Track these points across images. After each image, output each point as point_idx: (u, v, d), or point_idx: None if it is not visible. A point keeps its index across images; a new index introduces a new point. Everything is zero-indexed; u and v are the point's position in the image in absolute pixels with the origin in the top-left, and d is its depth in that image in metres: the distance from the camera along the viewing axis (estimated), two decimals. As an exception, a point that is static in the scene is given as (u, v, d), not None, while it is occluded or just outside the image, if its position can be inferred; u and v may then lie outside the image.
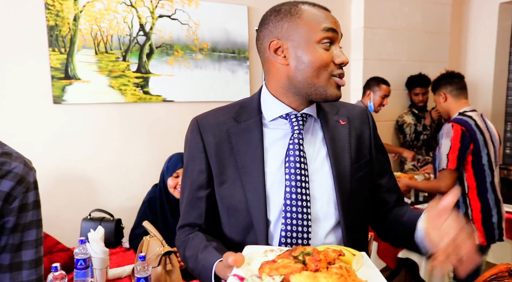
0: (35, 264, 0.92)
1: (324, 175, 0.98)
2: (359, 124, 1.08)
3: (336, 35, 0.94)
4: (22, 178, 0.87)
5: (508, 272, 1.30)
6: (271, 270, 0.70)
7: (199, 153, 1.01)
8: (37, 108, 2.36)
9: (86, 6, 2.43)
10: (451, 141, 2.20)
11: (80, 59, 2.44)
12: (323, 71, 0.92)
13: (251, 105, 1.03)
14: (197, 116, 1.05)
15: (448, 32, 3.67)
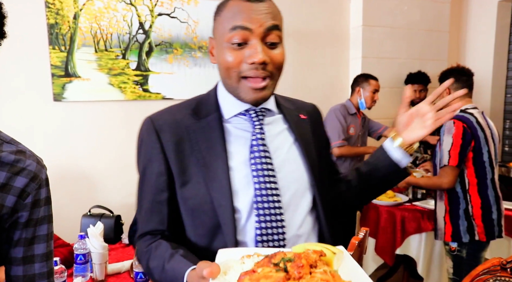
0: (46, 258, 0.95)
1: (295, 163, 0.99)
2: (315, 120, 1.11)
3: (249, 33, 0.87)
4: (35, 175, 0.90)
5: (500, 266, 1.31)
6: (253, 280, 0.64)
7: (157, 154, 0.94)
8: (38, 105, 2.38)
9: (86, 4, 2.45)
10: (453, 137, 2.21)
11: (80, 57, 2.46)
12: (232, 72, 0.89)
13: (208, 101, 0.99)
14: (150, 115, 0.98)
15: (447, 30, 3.68)
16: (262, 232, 0.90)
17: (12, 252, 0.91)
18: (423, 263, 2.69)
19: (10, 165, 0.87)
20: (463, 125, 2.21)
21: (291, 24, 3.11)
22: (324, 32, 3.26)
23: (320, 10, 3.22)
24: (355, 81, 3.06)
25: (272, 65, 0.90)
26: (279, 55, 0.92)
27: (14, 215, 0.88)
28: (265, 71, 0.88)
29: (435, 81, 3.55)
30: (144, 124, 0.99)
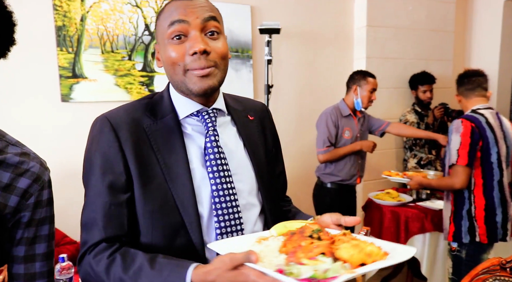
0: (47, 257, 0.98)
1: (246, 167, 1.02)
2: (263, 119, 1.14)
3: (187, 26, 0.89)
4: (38, 176, 0.93)
5: (500, 266, 1.32)
6: (307, 253, 0.69)
7: (115, 153, 0.90)
8: (46, 106, 2.42)
9: (93, 6, 2.49)
10: (461, 136, 2.19)
11: (87, 58, 2.50)
12: (176, 66, 0.91)
13: (163, 102, 0.99)
14: (104, 114, 0.95)
15: (452, 30, 3.67)
16: (222, 231, 0.93)
17: (14, 250, 0.93)
18: (427, 263, 2.69)
19: (14, 166, 0.90)
20: (471, 125, 2.19)
21: (295, 25, 3.13)
22: (328, 33, 3.28)
23: (324, 10, 3.24)
24: (351, 78, 2.88)
25: (215, 54, 0.91)
26: (221, 46, 0.93)
27: (16, 214, 0.91)
28: (209, 61, 0.90)
29: (441, 81, 3.55)
30: (98, 123, 0.94)
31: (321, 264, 0.67)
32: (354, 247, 0.70)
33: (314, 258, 0.68)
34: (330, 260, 0.69)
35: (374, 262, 0.68)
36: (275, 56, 3.04)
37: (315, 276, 0.64)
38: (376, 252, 0.70)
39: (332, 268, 0.66)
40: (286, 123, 3.19)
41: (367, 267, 0.67)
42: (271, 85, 2.84)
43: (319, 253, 0.69)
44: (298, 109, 3.23)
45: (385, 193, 2.97)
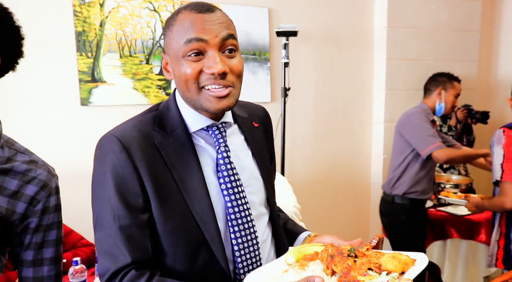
0: (54, 261, 1.02)
1: (256, 178, 1.03)
2: (265, 125, 1.14)
3: (205, 44, 0.86)
4: (45, 184, 0.97)
5: (520, 279, 1.27)
6: (358, 270, 0.78)
7: (130, 174, 0.86)
8: (66, 110, 2.48)
9: (112, 12, 2.53)
10: (504, 148, 1.99)
11: (106, 63, 2.55)
12: (191, 84, 0.88)
13: (171, 115, 0.95)
14: (111, 132, 0.90)
15: (478, 30, 3.55)
16: (239, 245, 0.94)
17: (23, 254, 0.97)
18: (448, 270, 2.62)
19: (22, 174, 0.94)
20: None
21: (314, 27, 3.10)
22: (347, 34, 3.23)
23: (344, 11, 3.19)
24: (433, 80, 2.67)
25: (232, 74, 0.89)
26: (238, 63, 0.91)
27: (24, 220, 0.95)
28: (226, 81, 0.88)
29: (465, 83, 3.44)
30: (106, 142, 0.89)
31: (376, 279, 0.76)
32: (393, 259, 0.80)
33: (365, 274, 0.77)
34: (383, 273, 0.79)
35: (409, 268, 0.80)
36: (293, 58, 3.02)
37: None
38: (409, 260, 0.82)
39: (390, 279, 0.76)
40: (304, 126, 3.17)
41: (411, 273, 0.78)
42: (288, 88, 2.83)
43: (367, 269, 0.79)
44: (316, 112, 3.20)
45: (404, 198, 2.89)
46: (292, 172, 3.12)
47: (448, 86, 2.62)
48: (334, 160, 3.31)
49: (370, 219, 3.52)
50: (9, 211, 0.91)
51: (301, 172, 3.20)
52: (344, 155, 3.35)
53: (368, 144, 3.43)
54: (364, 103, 3.36)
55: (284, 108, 2.83)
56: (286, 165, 3.00)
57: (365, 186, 3.48)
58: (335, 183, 3.34)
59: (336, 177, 3.34)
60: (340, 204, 3.37)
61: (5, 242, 0.95)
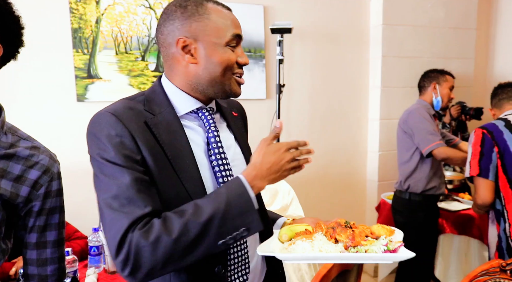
0: (57, 244, 1.06)
1: (240, 160, 1.10)
2: (243, 117, 1.23)
3: (240, 40, 1.01)
4: (47, 168, 1.01)
5: (500, 268, 1.28)
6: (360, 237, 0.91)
7: (129, 141, 0.88)
8: (62, 105, 2.52)
9: (107, 9, 2.57)
10: (472, 146, 2.06)
11: (102, 59, 2.58)
12: (228, 70, 0.98)
13: (158, 98, 0.99)
14: (105, 109, 0.94)
15: (474, 27, 3.56)
16: None
17: (27, 237, 1.01)
18: (441, 265, 2.63)
19: (25, 159, 0.98)
20: (482, 132, 2.03)
21: (309, 24, 3.12)
22: (343, 32, 3.25)
23: (339, 9, 3.21)
24: (426, 77, 2.72)
25: None
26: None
27: (28, 204, 0.98)
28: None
29: (461, 80, 3.45)
30: (101, 117, 0.92)
31: (376, 242, 0.90)
32: (382, 228, 0.96)
33: (365, 239, 0.91)
34: (381, 237, 0.92)
35: (393, 235, 0.96)
36: (289, 55, 3.04)
37: (387, 248, 0.89)
38: (392, 230, 0.98)
39: (388, 242, 0.90)
40: (300, 123, 3.19)
41: (398, 237, 0.95)
42: (282, 85, 2.85)
43: (365, 236, 0.93)
44: (312, 109, 3.22)
45: (399, 194, 2.91)
46: (287, 169, 3.14)
47: (441, 80, 2.66)
48: (330, 157, 3.33)
49: (366, 215, 3.53)
50: (13, 194, 0.95)
51: (297, 169, 3.22)
52: (340, 152, 3.36)
53: (364, 141, 3.44)
54: (360, 101, 3.38)
55: (279, 104, 2.85)
56: (281, 161, 3.02)
57: (361, 183, 3.49)
58: (331, 180, 3.35)
59: (332, 174, 3.35)
60: (336, 201, 3.39)
61: (10, 226, 0.99)
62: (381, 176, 3.38)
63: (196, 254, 0.84)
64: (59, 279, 1.05)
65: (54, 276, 1.04)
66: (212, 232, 0.84)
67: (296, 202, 2.21)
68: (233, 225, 0.86)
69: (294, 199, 2.22)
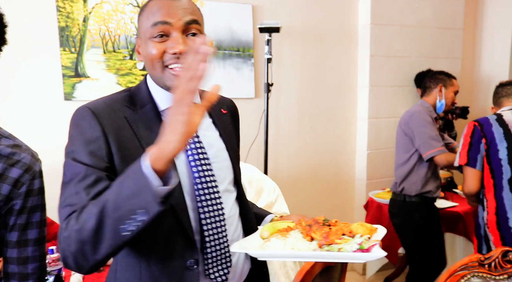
0: (39, 242, 1.05)
1: (224, 156, 1.09)
2: (233, 114, 1.21)
3: (169, 27, 0.93)
4: (29, 167, 1.00)
5: (478, 262, 1.30)
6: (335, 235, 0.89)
7: (99, 137, 0.91)
8: (49, 104, 2.51)
9: (95, 7, 2.56)
10: (463, 137, 2.15)
11: (89, 58, 2.57)
12: (156, 63, 0.95)
13: (141, 93, 1.02)
14: (84, 105, 0.96)
15: (461, 27, 3.60)
16: (206, 215, 0.99)
17: (8, 236, 1.00)
18: (427, 263, 2.65)
19: (6, 157, 0.97)
20: (474, 124, 2.12)
21: (298, 23, 3.14)
22: (331, 31, 3.27)
23: (327, 8, 3.23)
24: (433, 78, 2.65)
25: None
26: None
27: (9, 202, 0.97)
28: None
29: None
30: (79, 112, 0.95)
31: (351, 240, 0.88)
32: (362, 226, 0.94)
33: (340, 238, 0.89)
34: (357, 236, 0.90)
35: (374, 234, 0.94)
36: (277, 55, 3.06)
37: (361, 247, 0.85)
38: (373, 228, 0.96)
39: (363, 241, 0.87)
40: (288, 122, 3.20)
41: (377, 236, 0.93)
42: (271, 84, 2.86)
43: (342, 234, 0.90)
44: (301, 108, 3.24)
45: (386, 192, 2.94)
46: (276, 168, 3.16)
47: (448, 83, 2.64)
48: (318, 156, 3.35)
49: (354, 214, 3.56)
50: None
51: (285, 168, 3.24)
52: (328, 151, 3.38)
53: (352, 140, 3.47)
54: (348, 100, 3.41)
55: (267, 104, 2.86)
56: (269, 161, 3.04)
57: (349, 182, 3.52)
58: (319, 179, 3.37)
59: (321, 173, 3.37)
60: (325, 199, 3.41)
61: None
62: (369, 174, 3.40)
63: (105, 244, 0.79)
64: (40, 277, 1.05)
65: (35, 274, 1.03)
66: (108, 219, 0.77)
67: (281, 199, 2.22)
68: (128, 208, 0.76)
69: (279, 197, 2.23)
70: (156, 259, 0.95)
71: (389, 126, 3.39)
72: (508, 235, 1.98)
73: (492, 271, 1.30)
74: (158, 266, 0.95)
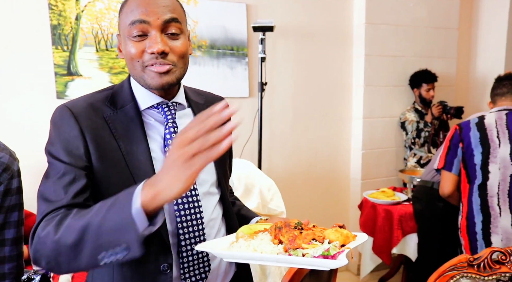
0: (16, 242, 1.03)
1: None
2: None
3: (147, 26, 0.91)
4: (7, 166, 0.99)
5: (467, 263, 1.30)
6: (303, 240, 0.84)
7: (77, 136, 0.90)
8: (41, 103, 2.49)
9: (88, 6, 2.55)
10: (445, 140, 2.17)
11: (82, 56, 2.56)
12: (135, 63, 0.93)
13: (123, 92, 1.00)
14: (63, 103, 0.95)
15: (456, 27, 3.60)
16: (182, 218, 0.98)
17: None
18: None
19: None
20: (455, 128, 2.13)
21: (292, 22, 3.13)
22: (326, 30, 3.26)
23: (322, 7, 3.22)
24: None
25: (174, 54, 0.94)
26: (181, 45, 0.95)
27: None
28: (166, 60, 0.92)
29: (443, 79, 3.49)
30: (58, 111, 0.94)
31: (318, 246, 0.83)
32: (336, 232, 0.88)
33: (309, 243, 0.84)
34: (325, 242, 0.85)
35: (350, 242, 0.88)
36: (272, 54, 3.05)
37: (324, 254, 0.80)
38: (351, 235, 0.90)
39: (331, 247, 0.82)
40: (282, 121, 3.19)
41: (351, 244, 0.86)
42: (265, 83, 2.85)
43: (311, 239, 0.85)
44: (296, 107, 3.23)
45: (380, 192, 2.94)
46: (270, 168, 3.15)
47: None
48: (313, 155, 3.34)
49: (349, 213, 3.55)
50: None
51: (280, 168, 3.23)
52: (323, 150, 3.38)
53: (347, 139, 3.46)
54: (343, 99, 3.40)
55: (261, 103, 2.85)
56: (263, 160, 3.03)
57: (344, 181, 3.51)
58: (314, 178, 3.37)
59: (316, 172, 3.37)
60: (320, 199, 3.40)
61: None
62: (364, 174, 3.40)
63: (81, 262, 0.77)
64: (17, 277, 1.04)
65: (11, 274, 1.02)
66: (88, 243, 0.75)
67: (278, 197, 2.20)
68: (110, 239, 0.74)
69: (276, 194, 2.21)
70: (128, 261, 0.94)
71: (384, 126, 3.39)
72: (474, 239, 1.99)
73: (481, 272, 1.29)
74: (131, 268, 0.94)
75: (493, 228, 1.95)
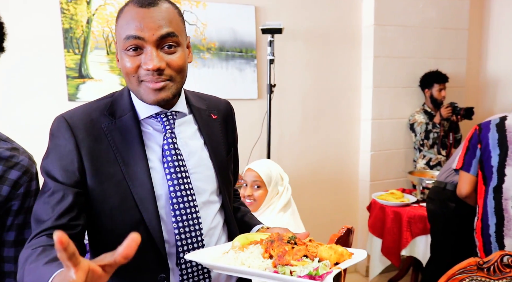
0: None
1: (206, 166, 1.05)
2: (226, 117, 1.15)
3: (142, 41, 0.88)
4: (27, 169, 1.03)
5: (477, 266, 1.30)
6: (293, 256, 0.81)
7: (71, 151, 0.91)
8: (53, 105, 2.53)
9: (98, 9, 2.58)
10: (464, 140, 2.14)
11: (93, 59, 2.59)
12: (131, 77, 0.92)
13: (122, 100, 0.99)
14: (62, 113, 0.96)
15: (466, 27, 3.57)
16: (180, 230, 0.97)
17: (5, 235, 1.03)
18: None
19: (5, 160, 1.00)
20: (475, 128, 2.09)
21: (301, 24, 3.14)
22: (335, 32, 3.26)
23: (330, 9, 3.22)
24: None
25: (170, 69, 0.92)
26: (177, 59, 0.92)
27: (8, 203, 1.00)
28: (162, 76, 0.91)
29: (453, 80, 3.47)
30: (55, 122, 0.95)
31: (308, 264, 0.78)
32: (330, 249, 0.83)
33: (299, 259, 0.80)
34: (315, 260, 0.81)
35: (345, 260, 0.82)
36: (281, 56, 3.06)
37: (311, 273, 0.75)
38: (346, 252, 0.84)
39: (320, 266, 0.78)
40: (291, 123, 3.20)
41: (344, 264, 0.81)
42: (273, 85, 2.86)
43: (302, 255, 0.82)
44: (304, 109, 3.23)
45: (389, 193, 2.93)
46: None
47: None
48: (322, 157, 3.34)
49: (358, 215, 3.55)
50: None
51: (289, 169, 3.22)
52: (332, 152, 3.38)
53: (356, 141, 3.46)
54: (351, 101, 3.40)
55: (270, 105, 2.86)
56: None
57: (353, 183, 3.51)
58: (323, 180, 3.37)
59: (324, 174, 3.37)
60: (328, 201, 3.40)
61: None
62: (373, 176, 3.39)
63: None
64: None
65: None
66: None
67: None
68: None
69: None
70: (125, 270, 0.85)
71: (392, 127, 3.38)
72: (488, 242, 1.98)
73: (491, 275, 1.29)
74: (127, 279, 0.94)
75: (506, 231, 1.94)
